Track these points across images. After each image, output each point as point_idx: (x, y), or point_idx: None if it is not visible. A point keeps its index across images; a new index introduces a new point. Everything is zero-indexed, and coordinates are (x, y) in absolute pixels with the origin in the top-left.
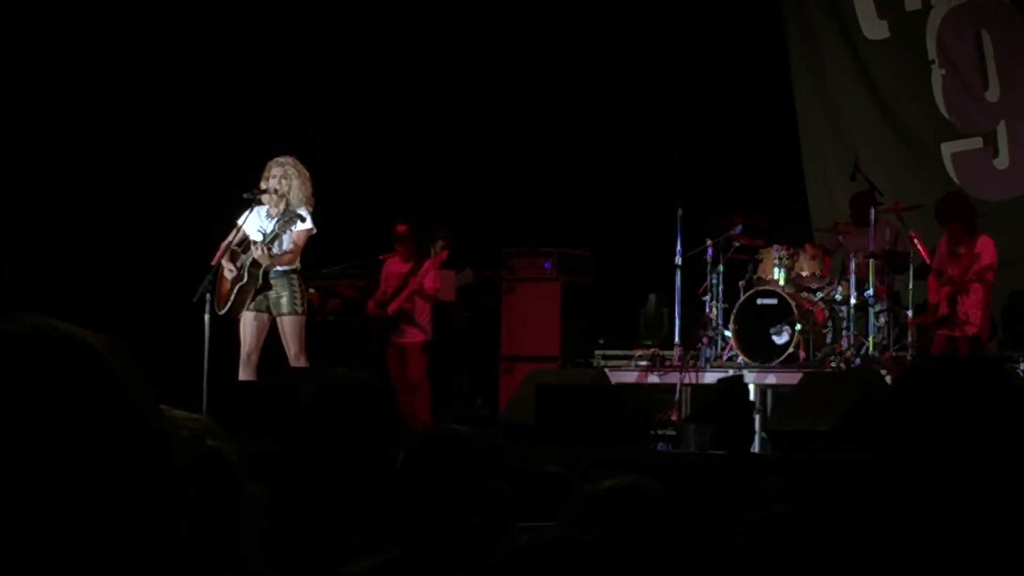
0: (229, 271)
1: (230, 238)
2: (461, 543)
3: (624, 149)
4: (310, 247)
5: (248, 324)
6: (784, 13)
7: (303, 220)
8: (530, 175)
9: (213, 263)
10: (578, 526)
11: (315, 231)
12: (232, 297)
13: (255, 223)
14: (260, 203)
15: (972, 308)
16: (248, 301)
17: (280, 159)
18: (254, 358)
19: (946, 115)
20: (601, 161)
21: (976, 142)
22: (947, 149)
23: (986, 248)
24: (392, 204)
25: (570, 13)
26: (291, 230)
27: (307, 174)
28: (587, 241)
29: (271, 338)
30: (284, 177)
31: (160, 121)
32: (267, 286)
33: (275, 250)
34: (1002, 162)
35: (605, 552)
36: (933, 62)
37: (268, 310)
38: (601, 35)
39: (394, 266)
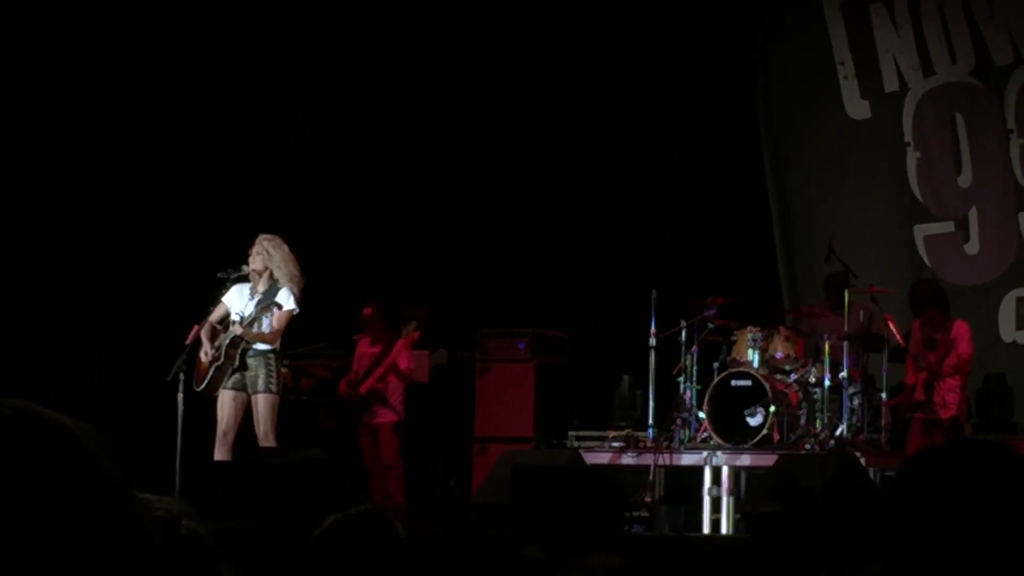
0: (205, 354)
1: (210, 317)
2: None
3: (599, 230)
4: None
5: (226, 403)
6: (758, 90)
7: (280, 308)
8: (505, 256)
9: (187, 342)
10: None
11: (297, 312)
12: (209, 375)
13: (237, 302)
14: (244, 280)
15: (949, 393)
16: (225, 380)
17: (264, 235)
18: (230, 437)
19: (919, 198)
20: (576, 242)
21: (948, 226)
22: (919, 232)
23: (962, 335)
24: (367, 284)
25: (544, 90)
26: (271, 314)
27: (290, 253)
28: (561, 322)
29: (247, 417)
30: (261, 253)
31: (139, 204)
32: (244, 366)
33: (255, 330)
34: (972, 247)
35: None
36: (909, 144)
37: (245, 388)
38: (574, 111)
39: (365, 347)
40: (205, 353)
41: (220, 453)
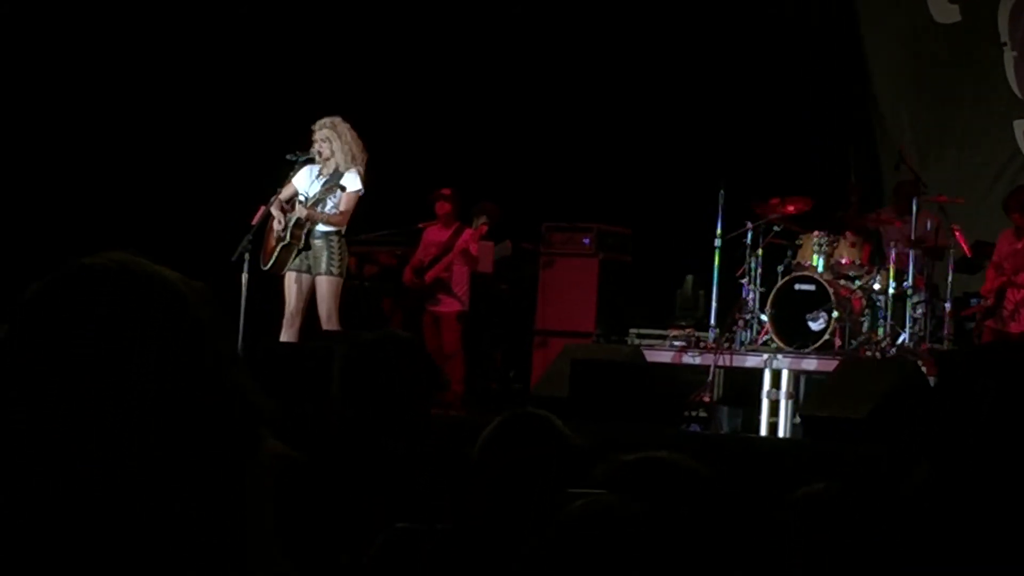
0: (278, 223)
1: (278, 196)
2: (518, 518)
3: (668, 128)
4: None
5: (291, 285)
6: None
7: (343, 189)
8: (572, 150)
9: (253, 223)
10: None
11: (363, 193)
12: (275, 254)
13: (304, 182)
14: (312, 162)
15: (1022, 304)
16: (290, 260)
17: (324, 120)
18: (298, 320)
19: (1018, 94)
20: (644, 139)
21: None
22: (1019, 127)
23: None
24: (435, 176)
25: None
26: (335, 196)
27: (353, 133)
28: (627, 219)
29: (313, 301)
30: (325, 140)
31: (213, 87)
32: (307, 247)
33: (319, 211)
34: None
35: (659, 520)
36: (1005, 44)
37: (309, 270)
38: (648, 12)
39: (433, 234)
40: (279, 222)
41: (287, 335)
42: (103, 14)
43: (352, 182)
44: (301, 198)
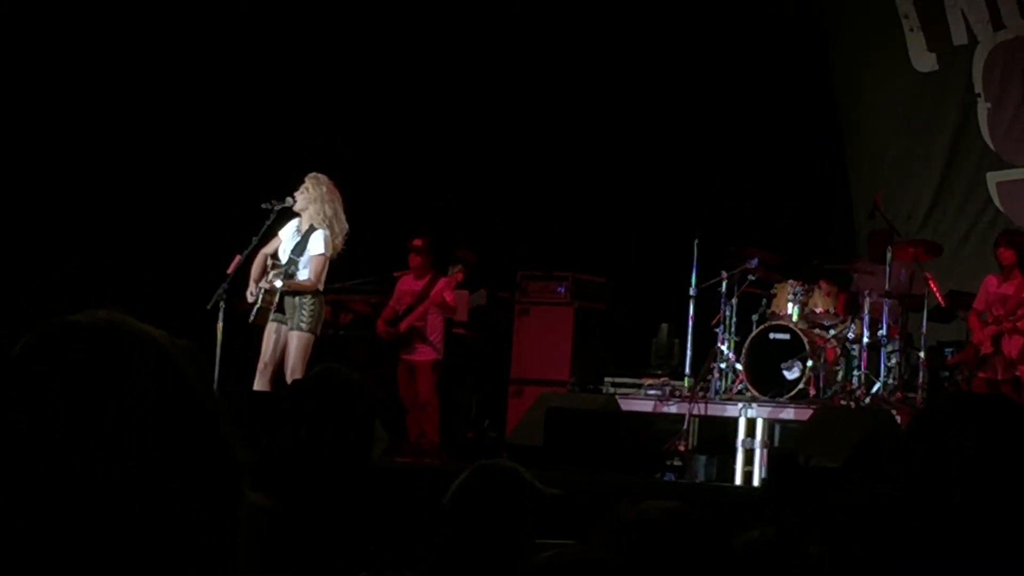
0: (250, 294)
1: (259, 244)
2: (487, 568)
3: (644, 177)
4: None
5: (270, 334)
6: (830, 45)
7: (291, 278)
8: (548, 199)
9: (229, 271)
10: (612, 548)
11: (327, 255)
12: (253, 314)
13: (285, 236)
14: (290, 211)
15: (1015, 351)
16: (269, 318)
17: (311, 175)
18: (270, 369)
19: (991, 146)
20: (620, 188)
21: (1021, 173)
22: (992, 179)
23: None
24: (411, 224)
25: (596, 37)
26: (304, 258)
27: (333, 194)
28: (602, 267)
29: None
30: (304, 191)
31: (190, 132)
32: (281, 310)
33: (280, 284)
34: None
35: (629, 572)
36: (979, 95)
37: (287, 322)
38: (628, 61)
39: (407, 283)
40: (250, 294)
41: (259, 384)
42: (82, 50)
43: (316, 246)
44: (281, 254)
